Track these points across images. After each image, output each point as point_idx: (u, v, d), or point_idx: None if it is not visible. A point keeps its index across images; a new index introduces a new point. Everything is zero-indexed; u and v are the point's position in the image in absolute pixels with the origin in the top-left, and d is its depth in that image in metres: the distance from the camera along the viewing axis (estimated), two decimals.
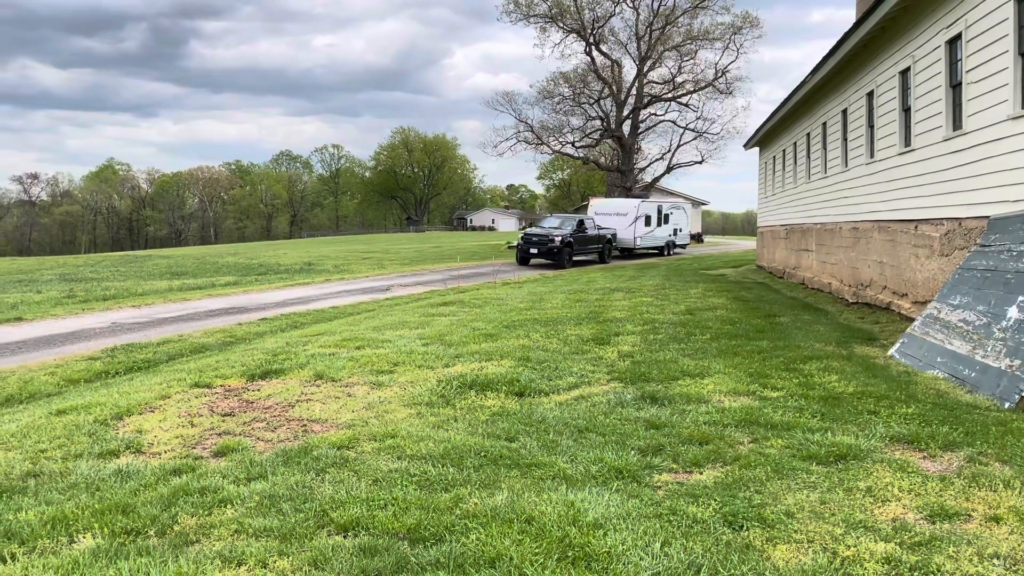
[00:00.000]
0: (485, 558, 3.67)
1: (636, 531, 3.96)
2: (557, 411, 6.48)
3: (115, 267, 35.36)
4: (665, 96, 52.34)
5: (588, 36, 50.35)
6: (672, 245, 39.81)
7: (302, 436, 5.91)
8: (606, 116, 52.77)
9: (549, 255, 29.90)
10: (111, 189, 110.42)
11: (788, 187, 22.44)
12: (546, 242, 29.87)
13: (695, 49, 50.52)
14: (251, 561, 3.69)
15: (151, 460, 5.36)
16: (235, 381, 8.02)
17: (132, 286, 23.51)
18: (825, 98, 17.65)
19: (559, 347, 9.60)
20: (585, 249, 31.64)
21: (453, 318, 13.04)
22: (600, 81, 51.82)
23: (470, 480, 4.79)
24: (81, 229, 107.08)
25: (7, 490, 4.73)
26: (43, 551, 3.86)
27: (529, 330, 11.03)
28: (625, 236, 35.57)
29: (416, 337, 10.70)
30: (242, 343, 12.23)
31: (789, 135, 22.34)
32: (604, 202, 38.53)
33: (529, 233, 31.31)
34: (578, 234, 30.96)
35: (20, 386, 9.17)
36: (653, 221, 37.41)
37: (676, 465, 5.10)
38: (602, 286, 19.31)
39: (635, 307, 13.92)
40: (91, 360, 10.76)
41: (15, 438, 6.01)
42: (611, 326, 11.36)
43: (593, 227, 32.59)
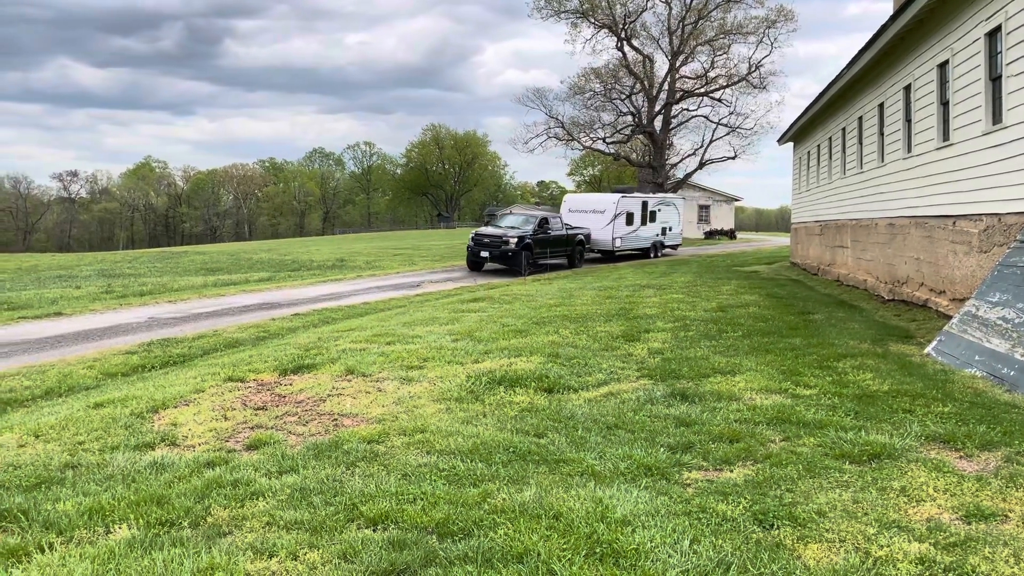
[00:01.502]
0: (513, 553, 3.68)
1: (665, 528, 3.95)
2: (586, 407, 6.47)
3: (152, 263, 35.95)
4: (697, 91, 51.88)
5: (620, 31, 50.06)
6: (660, 246, 35.07)
7: (333, 430, 5.96)
8: (637, 112, 52.46)
9: (503, 259, 24.92)
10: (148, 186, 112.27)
11: (823, 183, 22.15)
12: (499, 244, 24.95)
13: (728, 43, 50.01)
14: (282, 553, 3.74)
15: (185, 453, 5.44)
16: (268, 375, 8.11)
17: (168, 282, 23.88)
18: (861, 92, 17.38)
19: (588, 343, 9.58)
20: (549, 252, 26.65)
21: (482, 314, 13.07)
22: (631, 76, 51.52)
23: (498, 475, 4.80)
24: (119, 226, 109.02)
25: (46, 481, 4.84)
26: (80, 541, 3.94)
27: (558, 326, 11.01)
28: (601, 236, 30.83)
29: (446, 333, 10.74)
30: (275, 338, 12.36)
31: (824, 130, 22.04)
32: (579, 198, 33.97)
33: (480, 233, 26.22)
34: (540, 234, 25.99)
35: (59, 379, 9.36)
36: (636, 219, 32.56)
37: (706, 463, 5.07)
38: (632, 283, 19.22)
39: (666, 304, 13.83)
40: (128, 354, 10.95)
41: (54, 430, 6.14)
42: (641, 323, 11.31)
43: (560, 226, 27.81)
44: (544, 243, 26.22)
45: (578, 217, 31.02)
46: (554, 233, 27.00)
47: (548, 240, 26.53)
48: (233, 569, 3.56)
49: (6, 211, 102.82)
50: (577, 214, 31.28)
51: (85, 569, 3.56)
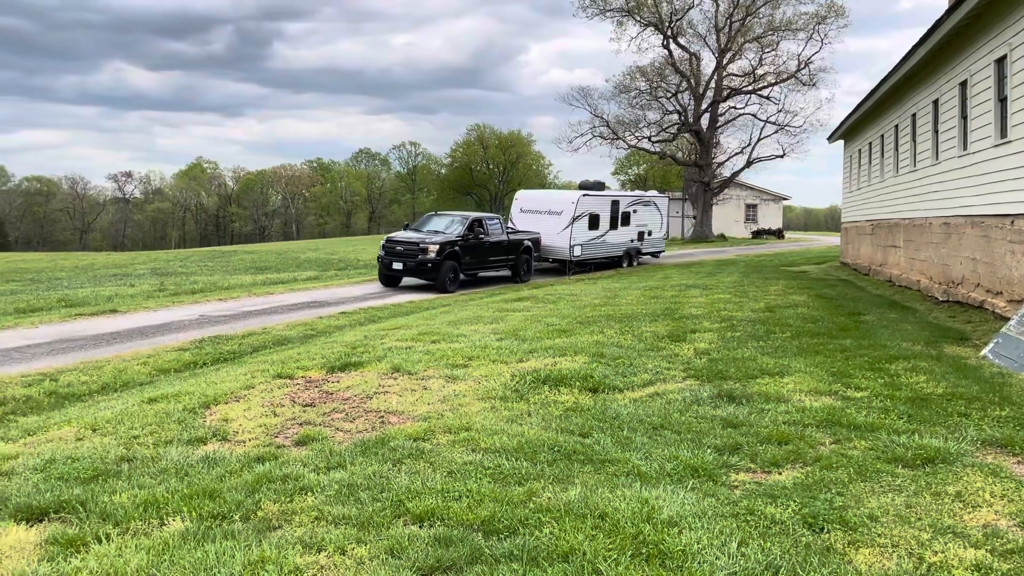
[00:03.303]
0: (558, 552, 3.68)
1: (712, 530, 3.91)
2: (631, 408, 6.43)
3: (203, 262, 36.72)
4: (745, 89, 51.22)
5: (666, 29, 49.66)
6: (636, 254, 29.32)
7: (379, 427, 6.03)
8: (684, 110, 51.99)
9: (421, 272, 19.76)
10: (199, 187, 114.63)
11: (874, 181, 21.69)
12: (415, 252, 19.76)
13: (777, 40, 49.26)
14: (330, 548, 3.79)
15: (236, 448, 5.55)
16: (315, 373, 8.22)
17: (219, 280, 24.36)
18: (914, 89, 16.97)
19: (633, 343, 9.52)
20: (484, 263, 21.66)
21: (527, 313, 13.08)
22: (678, 74, 51.07)
23: (543, 474, 4.80)
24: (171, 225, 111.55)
25: (103, 473, 4.98)
26: (136, 532, 4.05)
27: (603, 326, 10.97)
28: (556, 243, 25.13)
29: (490, 332, 10.78)
30: (322, 336, 12.54)
31: (876, 127, 21.58)
32: (532, 196, 27.95)
33: (393, 240, 20.63)
34: (470, 240, 20.80)
35: (115, 375, 9.61)
36: (603, 222, 26.79)
37: (754, 465, 5.01)
38: (678, 282, 19.06)
39: (712, 304, 13.69)
40: (181, 351, 11.20)
41: (110, 424, 6.30)
42: (687, 323, 11.20)
43: (500, 230, 22.42)
44: (477, 251, 21.19)
45: (531, 219, 25.76)
46: (491, 238, 21.74)
47: (483, 247, 21.39)
48: (283, 562, 3.62)
49: (64, 211, 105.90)
50: (530, 215, 26.00)
51: (141, 560, 3.65)
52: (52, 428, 6.46)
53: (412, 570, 3.57)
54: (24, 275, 30.41)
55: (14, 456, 5.47)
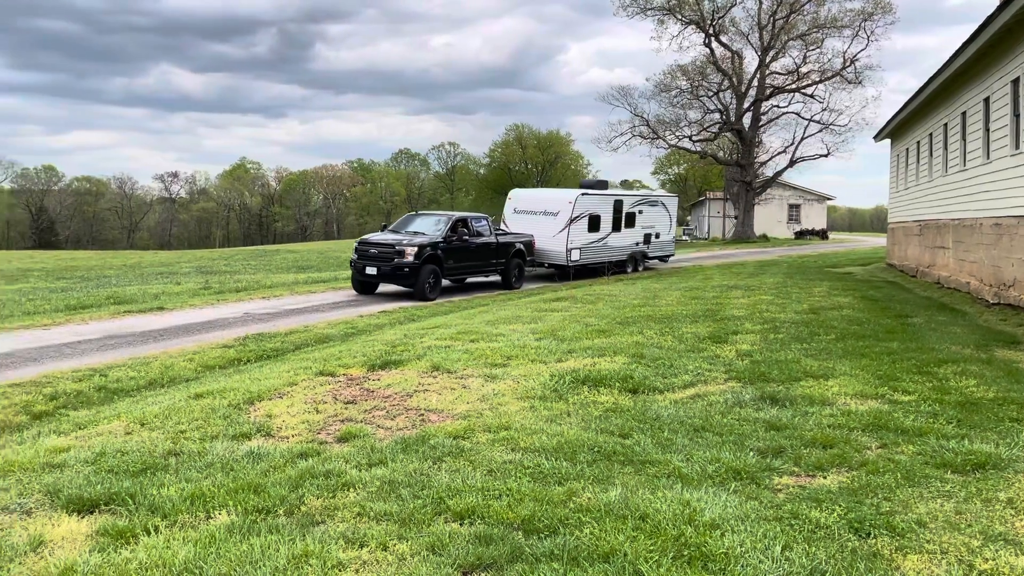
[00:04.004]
0: (599, 553, 3.67)
1: (755, 533, 3.86)
2: (672, 409, 6.39)
3: (246, 261, 37.32)
4: (788, 87, 50.52)
5: (707, 27, 49.20)
6: (642, 257, 27.17)
7: (420, 425, 6.06)
8: (725, 109, 51.45)
9: (397, 277, 17.95)
10: (243, 187, 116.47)
11: (922, 181, 21.23)
12: (390, 256, 17.97)
13: (821, 37, 48.49)
14: (372, 543, 3.82)
15: (280, 443, 5.63)
16: (356, 371, 8.31)
17: (262, 279, 24.74)
18: (964, 87, 16.57)
19: (674, 344, 9.45)
20: (469, 267, 19.94)
21: (565, 313, 13.05)
22: (719, 73, 50.58)
23: (583, 475, 4.79)
24: (216, 225, 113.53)
25: (151, 467, 5.08)
26: (183, 525, 4.12)
27: (643, 327, 10.90)
28: (552, 246, 23.01)
29: (529, 331, 10.78)
30: (362, 334, 12.66)
31: (924, 126, 21.12)
32: (527, 195, 25.69)
33: (367, 241, 18.89)
34: (453, 242, 18.96)
35: (162, 371, 9.82)
36: (604, 224, 24.67)
37: (798, 468, 4.94)
38: (719, 283, 18.87)
39: (754, 305, 13.52)
40: (225, 348, 11.40)
41: (158, 419, 6.44)
42: (729, 324, 11.08)
43: (489, 232, 20.56)
44: (461, 254, 19.36)
45: (526, 220, 23.72)
46: (477, 240, 19.90)
47: (468, 250, 19.55)
48: (326, 557, 3.66)
49: (112, 211, 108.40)
50: (525, 216, 23.93)
51: (188, 552, 3.72)
52: (102, 422, 6.62)
53: (453, 567, 3.59)
54: (74, 273, 31.21)
55: (66, 449, 5.61)
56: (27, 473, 5.05)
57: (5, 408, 8.01)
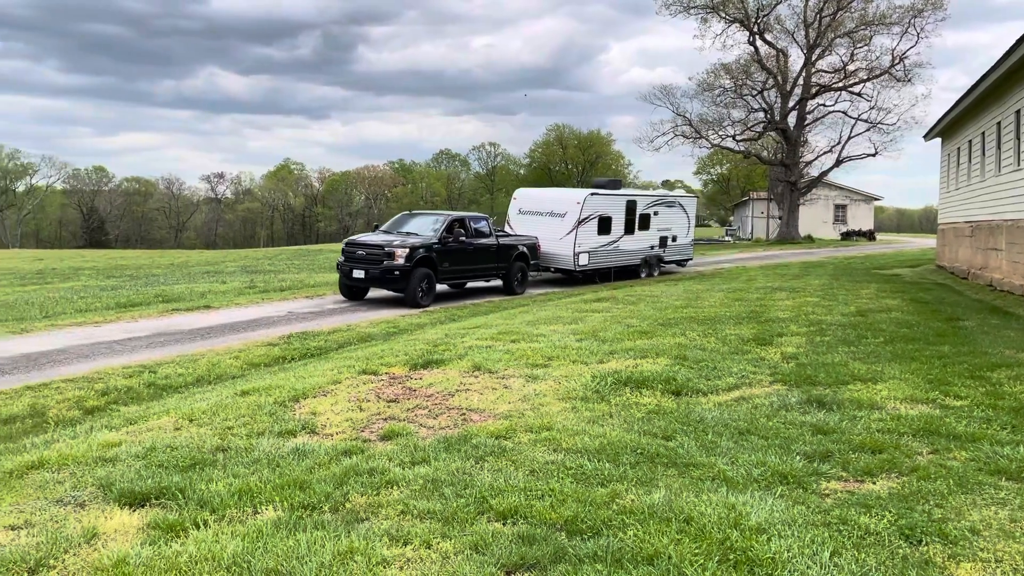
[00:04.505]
0: (643, 555, 3.64)
1: (802, 539, 3.80)
2: (716, 411, 6.32)
3: (290, 260, 37.83)
4: (835, 85, 49.63)
5: (752, 25, 48.58)
6: (657, 261, 25.37)
7: (461, 424, 6.09)
8: (770, 108, 50.75)
9: (386, 281, 16.62)
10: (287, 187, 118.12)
11: (974, 181, 20.71)
12: (379, 259, 16.52)
13: (869, 35, 47.54)
14: (416, 541, 3.85)
15: (324, 441, 5.70)
16: (399, 369, 8.37)
17: (305, 278, 25.05)
18: (1018, 84, 16.12)
19: (717, 346, 9.35)
20: (467, 271, 18.48)
21: (606, 314, 12.99)
22: (764, 71, 49.91)
23: (626, 476, 4.76)
24: (260, 224, 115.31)
25: (200, 462, 5.18)
26: (231, 520, 4.19)
27: (685, 328, 10.80)
28: (558, 250, 21.56)
29: (570, 332, 10.75)
30: (404, 333, 12.74)
31: (976, 125, 20.60)
32: (532, 195, 24.15)
33: (355, 243, 17.50)
34: (449, 244, 17.52)
35: (209, 368, 10.00)
36: (616, 225, 23.10)
37: (846, 473, 4.85)
38: (763, 285, 18.62)
39: (799, 307, 13.32)
40: (270, 346, 11.57)
41: (206, 415, 6.56)
42: (773, 326, 10.93)
43: (489, 233, 19.12)
44: (459, 257, 17.90)
45: (531, 222, 22.24)
46: (476, 242, 18.44)
47: (465, 252, 18.07)
48: (371, 554, 3.69)
49: (160, 211, 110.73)
50: (530, 218, 22.43)
51: (236, 546, 3.78)
52: (152, 418, 6.76)
53: (496, 566, 3.59)
54: (124, 271, 31.94)
55: (117, 444, 5.74)
56: (81, 466, 5.18)
57: (59, 403, 8.24)
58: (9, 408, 7.96)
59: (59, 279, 27.58)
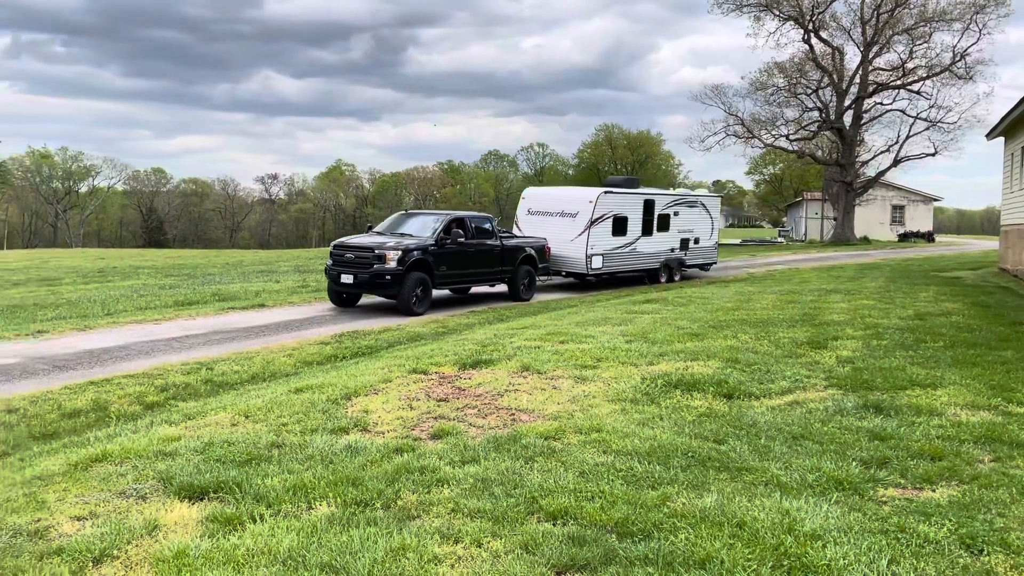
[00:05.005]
0: (695, 559, 3.61)
1: (859, 546, 3.73)
2: (769, 415, 6.23)
3: None
4: (893, 83, 48.43)
5: (806, 23, 47.70)
6: (678, 265, 23.70)
7: (511, 424, 6.11)
8: (825, 107, 49.76)
9: (377, 287, 15.34)
10: (338, 188, 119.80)
11: None
12: (368, 262, 15.25)
13: (929, 31, 46.27)
14: (467, 540, 3.88)
15: (376, 438, 5.77)
16: (448, 369, 8.43)
17: None
18: None
19: (770, 349, 9.21)
20: (467, 275, 17.07)
21: (656, 316, 12.90)
22: (819, 70, 48.95)
23: (677, 479, 4.73)
24: (312, 225, 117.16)
25: (255, 458, 5.29)
26: (286, 514, 4.28)
27: (737, 331, 10.67)
28: (569, 252, 20.15)
29: (619, 334, 10.70)
30: (453, 334, 12.83)
31: None
32: (542, 194, 23.08)
33: (343, 245, 16.31)
34: (447, 246, 16.12)
35: (263, 365, 10.21)
36: (632, 226, 21.59)
37: (904, 480, 4.75)
38: (817, 287, 18.28)
39: (855, 310, 13.04)
40: (322, 344, 11.76)
41: (261, 412, 6.69)
42: (828, 329, 10.72)
43: (492, 234, 17.68)
44: (458, 260, 16.48)
45: (541, 223, 20.86)
46: (478, 244, 17.01)
47: (466, 255, 16.65)
48: (422, 551, 3.74)
49: (216, 211, 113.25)
50: (539, 218, 21.11)
51: (292, 540, 3.86)
52: (209, 413, 6.92)
53: (547, 566, 3.60)
54: (181, 270, 32.75)
55: (177, 438, 5.90)
56: (142, 460, 5.33)
57: (120, 398, 8.50)
58: (73, 403, 8.23)
59: (120, 277, 28.40)
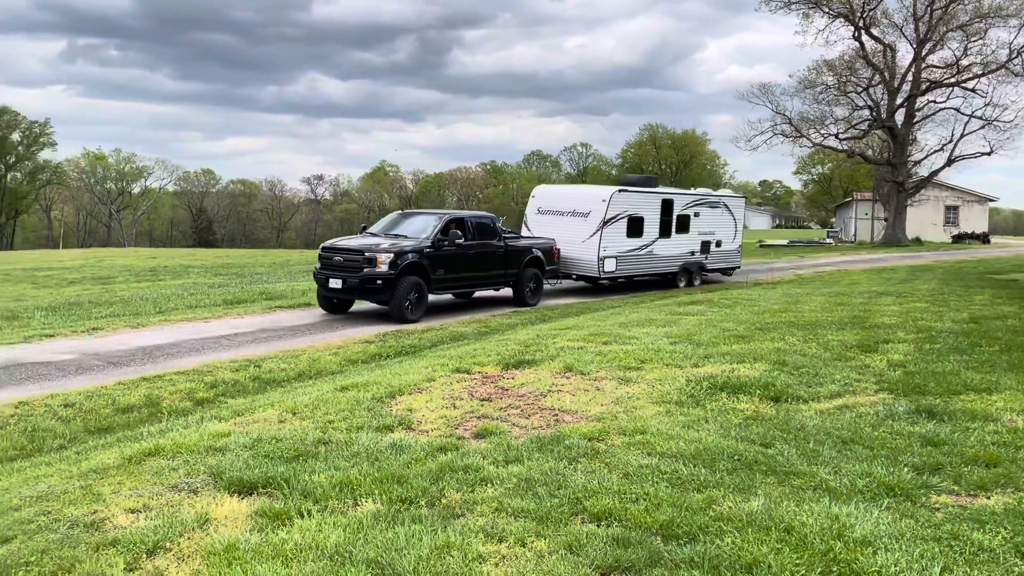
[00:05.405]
0: (742, 563, 3.57)
1: (911, 553, 3.65)
2: (817, 419, 6.13)
3: None
4: (947, 81, 47.23)
5: (857, 20, 46.80)
6: (698, 269, 22.35)
7: (554, 425, 6.10)
8: (876, 105, 48.75)
9: (368, 292, 14.32)
10: (382, 189, 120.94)
11: None
12: (358, 266, 14.26)
13: (985, 28, 45.04)
14: (511, 539, 3.89)
15: (420, 437, 5.81)
16: (491, 369, 8.45)
17: None
18: None
19: (818, 352, 9.05)
20: (468, 279, 16.04)
21: (701, 317, 12.77)
22: (870, 67, 47.98)
23: (723, 483, 4.68)
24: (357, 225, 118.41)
25: (303, 454, 5.37)
26: (333, 510, 4.34)
27: (784, 333, 10.51)
28: (580, 254, 19.08)
29: (663, 335, 10.61)
30: (495, 333, 12.86)
31: None
32: (553, 192, 22.06)
33: (331, 248, 15.29)
34: (444, 248, 15.04)
35: (309, 363, 10.35)
36: (648, 227, 20.35)
37: (957, 487, 4.63)
38: (867, 289, 17.92)
39: (907, 313, 12.75)
40: (367, 343, 11.88)
41: (307, 409, 6.79)
42: (879, 332, 10.50)
43: (495, 235, 16.49)
44: (456, 263, 15.39)
45: (551, 223, 19.82)
46: (479, 246, 15.88)
47: (464, 257, 15.55)
48: (467, 549, 3.76)
49: (264, 211, 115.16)
50: (549, 218, 20.05)
51: (339, 536, 3.91)
52: (257, 410, 7.05)
53: (591, 567, 3.59)
54: (229, 269, 33.36)
55: (226, 434, 6.01)
56: (193, 455, 5.45)
57: (172, 394, 8.69)
58: (127, 398, 8.45)
59: (170, 276, 29.05)
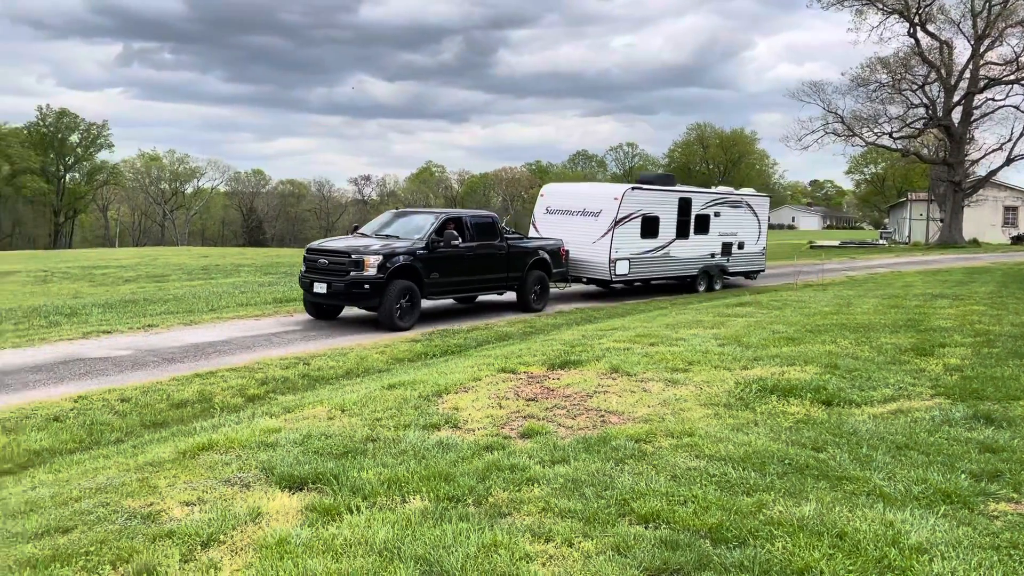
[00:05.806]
0: (792, 568, 3.52)
1: (968, 561, 3.56)
2: (871, 424, 6.00)
3: None
4: (1006, 78, 45.84)
5: (912, 16, 45.72)
6: (719, 272, 21.25)
7: (600, 426, 6.08)
8: (931, 103, 47.55)
9: (354, 297, 13.22)
10: (428, 189, 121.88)
11: None
12: (344, 269, 13.18)
13: None
14: (558, 539, 3.89)
15: (466, 435, 5.84)
16: (537, 369, 8.45)
17: None
18: None
19: (871, 356, 8.86)
20: (465, 283, 14.83)
21: (749, 319, 12.59)
22: (925, 65, 46.83)
23: (773, 487, 4.61)
24: None
25: (351, 451, 5.44)
26: (382, 507, 4.39)
27: (835, 335, 10.31)
28: (591, 255, 18.09)
29: (711, 337, 10.49)
30: (540, 334, 12.86)
31: None
32: (562, 191, 20.89)
33: (316, 249, 14.10)
34: (440, 249, 13.97)
35: (357, 362, 10.48)
36: (664, 228, 19.30)
37: (1017, 495, 4.50)
38: (922, 292, 17.49)
39: (964, 316, 12.41)
40: (413, 342, 11.98)
41: (356, 406, 6.87)
42: (934, 336, 10.24)
43: (495, 235, 15.36)
44: (453, 265, 14.27)
45: (560, 223, 18.85)
46: (478, 247, 14.79)
47: (462, 259, 14.44)
48: (514, 548, 3.76)
49: (312, 211, 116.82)
50: (559, 217, 19.06)
51: (387, 532, 3.95)
52: (307, 407, 7.15)
53: (639, 569, 3.57)
54: (279, 268, 33.90)
55: (277, 430, 6.12)
56: (245, 450, 5.55)
57: (224, 390, 8.87)
58: (181, 393, 8.65)
59: (222, 275, 29.64)
